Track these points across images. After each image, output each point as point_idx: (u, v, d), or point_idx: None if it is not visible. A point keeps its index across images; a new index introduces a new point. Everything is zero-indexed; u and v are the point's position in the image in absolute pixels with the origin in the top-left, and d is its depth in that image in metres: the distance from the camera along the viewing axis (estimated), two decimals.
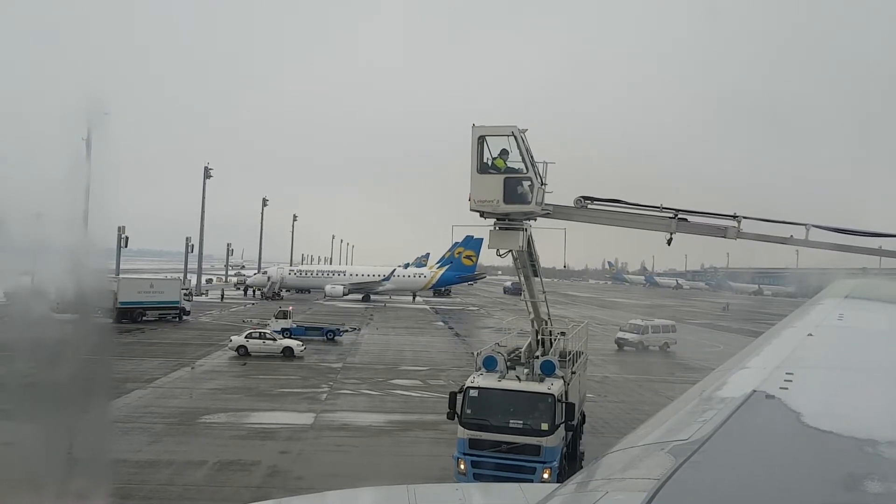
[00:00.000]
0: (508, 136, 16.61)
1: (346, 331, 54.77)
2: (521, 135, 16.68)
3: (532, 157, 16.96)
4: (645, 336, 52.00)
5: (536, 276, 20.37)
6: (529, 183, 16.63)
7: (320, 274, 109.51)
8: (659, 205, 17.29)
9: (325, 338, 51.77)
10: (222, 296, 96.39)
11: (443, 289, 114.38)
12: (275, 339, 43.77)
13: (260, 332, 44.63)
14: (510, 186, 16.67)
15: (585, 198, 17.58)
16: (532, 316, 21.15)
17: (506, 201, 16.69)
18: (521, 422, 17.00)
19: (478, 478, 16.40)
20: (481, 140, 16.74)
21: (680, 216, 17.25)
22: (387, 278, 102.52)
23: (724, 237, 17.09)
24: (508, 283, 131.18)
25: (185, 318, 63.10)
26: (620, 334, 52.97)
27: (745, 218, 16.97)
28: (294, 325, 51.02)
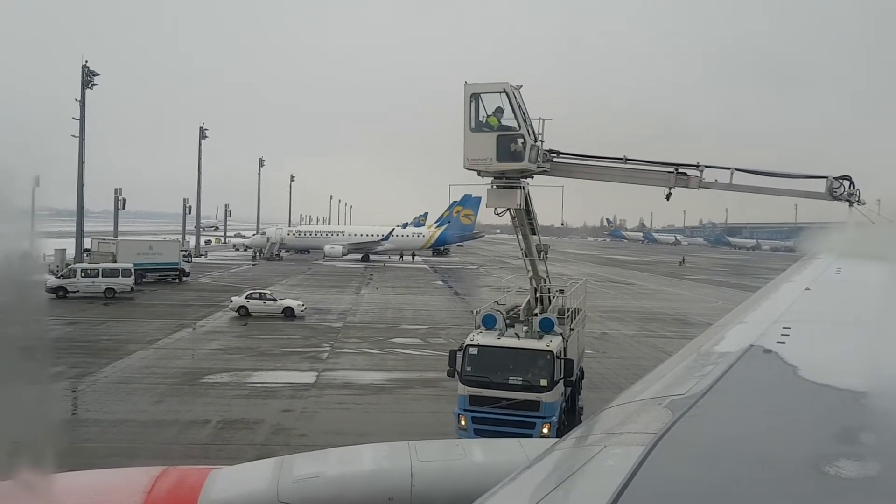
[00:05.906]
0: (500, 93, 16.36)
1: None
2: (514, 91, 16.41)
3: (526, 113, 16.72)
4: (68, 281, 47.54)
5: (535, 234, 20.31)
6: (523, 140, 16.44)
7: (319, 234, 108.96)
8: (622, 157, 17.51)
9: None
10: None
11: (441, 248, 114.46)
12: (275, 300, 43.98)
13: (260, 293, 44.84)
14: (503, 144, 16.50)
15: (551, 151, 17.56)
16: (531, 274, 21.19)
17: (499, 159, 16.54)
18: (520, 378, 17.15)
19: (478, 433, 16.63)
20: (475, 98, 16.50)
21: (679, 171, 17.21)
22: (385, 238, 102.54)
23: (687, 187, 17.27)
24: None
25: (184, 279, 63.42)
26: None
27: (707, 167, 17.21)
28: None
